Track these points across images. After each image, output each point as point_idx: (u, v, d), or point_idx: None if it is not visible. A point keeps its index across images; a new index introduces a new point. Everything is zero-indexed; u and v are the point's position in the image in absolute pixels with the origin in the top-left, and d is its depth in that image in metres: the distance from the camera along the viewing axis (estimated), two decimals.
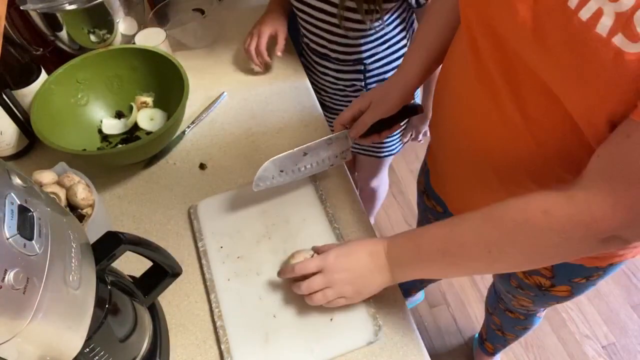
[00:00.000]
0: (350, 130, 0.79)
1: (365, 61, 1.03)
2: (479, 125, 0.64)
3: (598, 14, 0.42)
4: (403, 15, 0.99)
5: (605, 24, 0.42)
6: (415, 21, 1.04)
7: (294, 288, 0.67)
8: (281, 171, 0.73)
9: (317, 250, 0.70)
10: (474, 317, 1.63)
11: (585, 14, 0.43)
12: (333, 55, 1.03)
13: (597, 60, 0.43)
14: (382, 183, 1.46)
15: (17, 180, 0.43)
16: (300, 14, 1.00)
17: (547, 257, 0.56)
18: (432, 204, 0.99)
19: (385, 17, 0.95)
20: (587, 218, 0.48)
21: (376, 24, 0.95)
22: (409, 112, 0.83)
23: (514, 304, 1.04)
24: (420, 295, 1.66)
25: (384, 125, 0.80)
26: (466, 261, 0.58)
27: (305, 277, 0.66)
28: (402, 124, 0.85)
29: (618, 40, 0.42)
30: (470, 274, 0.74)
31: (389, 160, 1.31)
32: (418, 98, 1.19)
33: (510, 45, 0.53)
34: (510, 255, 0.55)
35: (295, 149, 0.76)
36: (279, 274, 0.69)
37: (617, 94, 0.44)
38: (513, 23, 0.50)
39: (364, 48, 1.00)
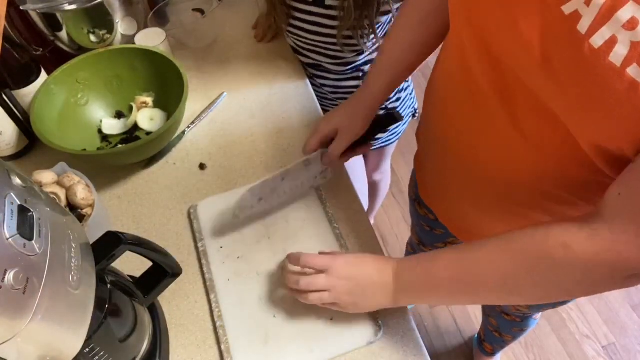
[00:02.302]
0: (322, 160, 0.77)
1: (362, 67, 1.03)
2: (469, 140, 0.63)
3: (612, 41, 0.40)
4: (391, 24, 0.99)
5: (619, 53, 0.39)
6: None
7: (291, 281, 0.65)
8: (260, 199, 0.70)
9: (298, 263, 0.67)
10: (474, 317, 1.63)
11: (597, 41, 0.40)
12: (331, 67, 1.03)
13: (608, 90, 0.41)
14: (385, 176, 1.47)
15: (17, 180, 0.43)
16: (293, 37, 1.01)
17: (566, 292, 0.54)
18: (424, 212, 0.99)
19: (379, 31, 0.94)
20: (612, 256, 0.46)
21: (369, 43, 0.95)
22: (383, 123, 0.81)
23: (510, 308, 1.04)
24: None
25: (357, 143, 0.78)
26: (478, 292, 0.56)
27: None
28: (378, 136, 0.82)
29: (633, 71, 0.39)
30: (479, 303, 0.70)
31: (392, 149, 1.32)
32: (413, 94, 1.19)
33: (509, 65, 0.50)
34: (527, 289, 0.53)
35: (271, 175, 0.73)
36: (288, 257, 0.68)
37: (629, 126, 0.42)
38: (515, 44, 0.48)
39: (360, 58, 1.00)
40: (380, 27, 0.95)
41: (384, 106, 1.04)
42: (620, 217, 0.45)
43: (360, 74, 1.04)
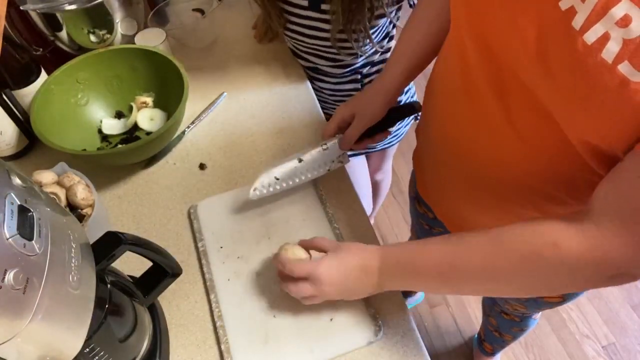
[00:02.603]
0: (340, 144, 0.78)
1: (361, 70, 1.03)
2: (464, 136, 0.63)
3: (604, 38, 0.40)
4: (389, 26, 0.99)
5: (611, 50, 0.40)
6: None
7: (282, 286, 0.66)
8: (277, 179, 0.71)
9: (306, 245, 0.68)
10: (474, 317, 1.63)
11: (590, 37, 0.41)
12: (329, 70, 1.03)
13: (600, 86, 0.41)
14: (386, 175, 1.47)
15: (17, 180, 0.43)
16: (291, 40, 1.01)
17: (552, 288, 0.54)
18: (424, 210, 0.99)
19: (374, 36, 0.94)
20: (598, 254, 0.46)
21: (366, 47, 0.95)
22: (403, 113, 0.81)
23: (508, 308, 1.04)
24: (420, 295, 1.66)
25: (376, 130, 0.79)
26: (463, 283, 0.56)
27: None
28: (396, 126, 0.83)
29: (624, 68, 0.39)
30: (464, 294, 0.72)
31: (394, 150, 1.32)
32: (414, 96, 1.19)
33: (506, 61, 0.51)
34: (512, 282, 0.53)
35: (290, 157, 0.74)
36: (274, 259, 0.68)
37: (620, 123, 0.42)
38: (513, 40, 0.48)
39: (358, 60, 1.00)
40: (378, 30, 0.95)
41: None
42: (607, 215, 0.46)
43: (359, 77, 1.04)
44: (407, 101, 1.14)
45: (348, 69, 1.02)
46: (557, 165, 0.54)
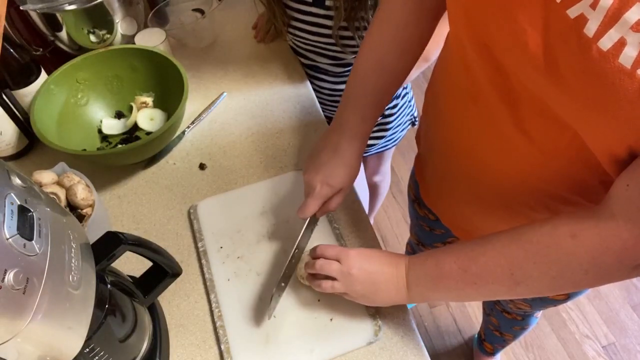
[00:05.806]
0: (317, 214, 0.73)
1: None
2: (473, 144, 0.63)
3: (620, 43, 0.40)
4: None
5: (629, 55, 0.39)
6: None
7: (307, 266, 0.66)
8: (283, 285, 0.69)
9: (314, 254, 0.67)
10: (474, 317, 1.63)
11: (606, 44, 0.40)
12: (329, 68, 1.03)
13: (619, 92, 0.41)
14: (385, 177, 1.47)
15: (17, 180, 0.43)
16: (293, 38, 1.01)
17: (574, 283, 0.54)
18: (424, 212, 0.99)
19: None
20: (618, 245, 0.46)
21: None
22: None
23: (511, 307, 1.04)
24: None
25: None
26: (487, 282, 0.56)
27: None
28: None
29: None
30: (490, 297, 0.71)
31: (391, 152, 1.32)
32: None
33: (512, 70, 0.50)
34: (534, 279, 0.53)
35: (290, 256, 0.69)
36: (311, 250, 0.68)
37: None
38: (518, 49, 0.47)
39: None
40: None
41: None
42: (628, 207, 0.46)
43: None
44: (404, 106, 1.13)
45: (348, 68, 1.02)
46: (572, 169, 0.54)
